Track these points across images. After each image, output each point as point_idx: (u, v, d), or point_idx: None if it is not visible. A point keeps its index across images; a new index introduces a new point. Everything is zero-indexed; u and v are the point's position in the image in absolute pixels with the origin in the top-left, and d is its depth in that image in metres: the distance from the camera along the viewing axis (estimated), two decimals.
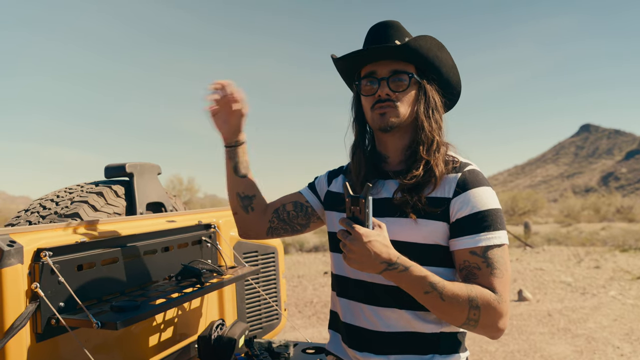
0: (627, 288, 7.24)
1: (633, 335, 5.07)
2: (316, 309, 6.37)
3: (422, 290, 1.09)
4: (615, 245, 12.24)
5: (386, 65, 1.27)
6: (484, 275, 1.14)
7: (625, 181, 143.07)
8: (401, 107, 1.26)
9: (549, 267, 9.07)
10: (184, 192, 26.36)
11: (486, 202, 1.18)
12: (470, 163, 1.26)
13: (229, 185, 1.46)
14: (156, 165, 2.23)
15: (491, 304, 1.11)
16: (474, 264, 1.15)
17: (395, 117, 1.26)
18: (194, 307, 1.90)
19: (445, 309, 1.11)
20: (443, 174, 1.22)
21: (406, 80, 1.26)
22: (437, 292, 1.08)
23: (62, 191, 2.03)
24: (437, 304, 1.11)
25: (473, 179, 1.21)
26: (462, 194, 1.19)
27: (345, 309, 1.32)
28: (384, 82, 1.26)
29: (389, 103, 1.26)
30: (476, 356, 4.55)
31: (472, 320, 1.11)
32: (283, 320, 2.42)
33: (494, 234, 1.16)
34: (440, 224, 1.20)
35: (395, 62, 1.27)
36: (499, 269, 1.15)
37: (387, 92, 1.26)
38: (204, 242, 1.90)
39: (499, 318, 1.12)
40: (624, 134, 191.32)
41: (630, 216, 23.83)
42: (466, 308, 1.10)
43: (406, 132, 1.31)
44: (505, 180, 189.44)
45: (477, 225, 1.16)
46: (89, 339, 1.41)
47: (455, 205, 1.19)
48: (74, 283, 1.31)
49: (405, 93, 1.27)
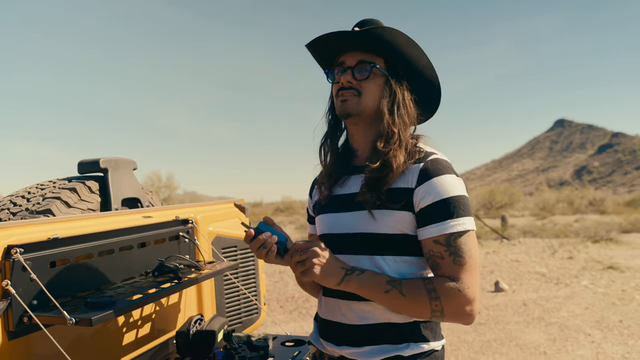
0: (598, 277, 7.45)
1: (603, 322, 5.23)
2: (297, 304, 6.38)
3: (383, 290, 1.12)
4: (587, 236, 12.56)
5: (354, 56, 1.29)
6: (447, 265, 1.16)
7: (598, 174, 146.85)
8: (364, 96, 1.27)
9: (525, 259, 9.28)
10: (162, 188, 26.03)
11: (449, 189, 1.18)
12: (435, 152, 1.26)
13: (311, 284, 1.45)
14: (131, 160, 2.20)
15: (451, 292, 1.13)
16: (438, 254, 1.17)
17: (356, 105, 1.27)
18: (172, 302, 1.89)
19: (407, 305, 1.14)
20: (402, 164, 1.22)
21: (368, 70, 1.27)
22: (396, 289, 1.11)
23: (34, 187, 1.99)
24: (399, 301, 1.14)
25: (435, 167, 1.21)
26: (424, 183, 1.19)
27: (325, 306, 1.34)
28: (349, 71, 1.28)
29: (351, 91, 1.27)
30: (454, 346, 4.63)
31: (437, 311, 1.14)
32: (263, 315, 2.42)
33: (457, 221, 1.16)
34: (405, 214, 1.20)
35: (365, 54, 1.28)
36: (463, 256, 1.15)
37: (349, 79, 1.27)
38: (181, 237, 1.89)
39: (464, 305, 1.14)
40: (597, 129, 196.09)
41: (602, 208, 24.49)
42: (427, 300, 1.13)
43: (372, 125, 1.31)
44: (482, 174, 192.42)
45: (440, 213, 1.16)
46: (64, 336, 1.39)
47: (418, 195, 1.19)
48: (46, 280, 1.29)
49: (369, 82, 1.27)
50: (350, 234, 1.27)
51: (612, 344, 4.57)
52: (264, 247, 1.20)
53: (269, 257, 1.21)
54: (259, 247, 1.21)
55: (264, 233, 1.20)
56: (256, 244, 1.21)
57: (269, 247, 1.20)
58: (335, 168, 1.35)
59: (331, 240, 1.32)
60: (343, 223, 1.29)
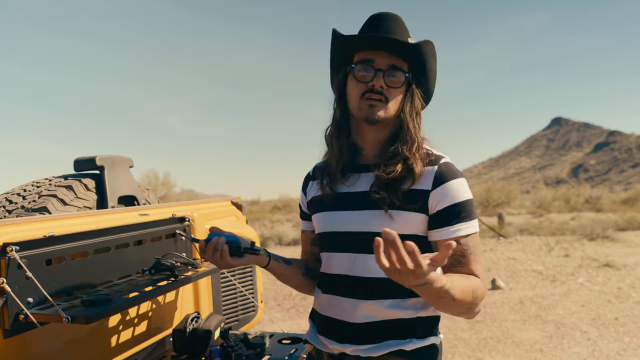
0: (594, 275, 7.48)
1: (599, 320, 5.25)
2: (295, 302, 6.38)
3: (437, 296, 1.08)
4: (583, 234, 12.61)
5: (385, 57, 1.26)
6: (468, 263, 1.21)
7: (594, 173, 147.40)
8: (391, 103, 1.27)
9: (521, 257, 9.30)
10: (160, 186, 25.99)
11: (462, 193, 1.24)
12: (444, 156, 1.30)
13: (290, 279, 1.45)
14: (128, 158, 2.20)
15: (482, 291, 1.19)
16: (459, 253, 1.21)
17: (383, 112, 1.26)
18: (168, 300, 1.88)
19: (453, 306, 1.13)
20: (422, 171, 1.25)
21: (402, 78, 1.27)
22: (450, 295, 1.09)
23: (30, 185, 1.98)
24: (448, 304, 1.11)
25: (449, 171, 1.25)
26: (440, 186, 1.23)
27: (328, 304, 1.34)
28: (380, 74, 1.26)
29: (380, 97, 1.26)
30: (451, 343, 4.65)
31: (469, 309, 1.17)
32: (260, 313, 2.42)
33: (471, 223, 1.23)
34: (419, 216, 1.23)
35: (393, 57, 1.27)
36: (478, 254, 1.23)
37: (382, 84, 1.26)
38: (178, 235, 1.89)
39: (481, 301, 1.19)
40: (593, 127, 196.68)
41: (598, 206, 24.57)
42: (469, 302, 1.15)
43: (386, 127, 1.31)
44: (480, 172, 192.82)
45: (456, 215, 1.22)
46: (60, 334, 1.39)
47: (434, 198, 1.23)
48: (42, 278, 1.29)
49: (397, 90, 1.28)
50: (361, 232, 1.27)
51: (608, 342, 4.59)
52: (216, 250, 1.23)
53: (224, 258, 1.23)
54: (212, 253, 1.23)
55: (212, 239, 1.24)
56: (209, 251, 1.23)
57: (219, 249, 1.22)
58: (342, 165, 1.34)
59: (336, 238, 1.31)
60: (353, 221, 1.28)
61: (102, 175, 2.04)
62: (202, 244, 1.25)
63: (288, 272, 1.43)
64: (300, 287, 1.47)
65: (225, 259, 1.24)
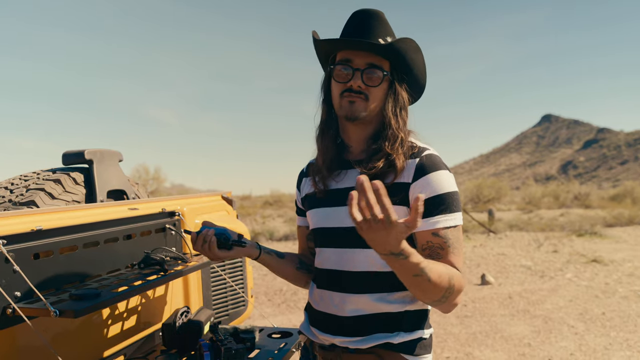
0: (582, 271, 7.57)
1: (587, 315, 5.32)
2: (286, 297, 6.39)
3: (412, 274, 1.08)
4: (572, 230, 12.73)
5: (363, 57, 1.28)
6: (446, 255, 1.20)
7: (583, 169, 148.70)
8: (371, 101, 1.28)
9: (511, 252, 9.38)
10: (150, 181, 25.83)
11: (444, 185, 1.23)
12: (428, 148, 1.30)
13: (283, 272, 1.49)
14: (117, 152, 2.18)
15: (459, 281, 1.18)
16: (437, 245, 1.21)
17: (364, 110, 1.28)
18: (158, 294, 1.88)
19: (427, 288, 1.12)
20: (404, 165, 1.25)
21: (380, 76, 1.28)
22: (425, 275, 1.09)
23: (17, 179, 1.96)
24: (423, 285, 1.11)
25: (431, 163, 1.25)
26: (421, 178, 1.23)
27: (320, 298, 1.37)
28: (358, 73, 1.27)
29: (360, 95, 1.27)
30: (440, 338, 4.69)
31: (444, 297, 1.16)
32: (250, 307, 2.42)
33: (452, 216, 1.22)
34: (401, 208, 1.23)
35: (372, 55, 1.28)
36: (458, 247, 1.22)
37: (360, 84, 1.27)
38: (168, 229, 1.88)
39: (459, 293, 1.19)
40: (582, 124, 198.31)
41: (587, 203, 24.83)
42: (445, 287, 1.14)
43: (370, 124, 1.33)
44: (471, 168, 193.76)
45: (436, 207, 1.21)
46: (48, 328, 1.38)
47: (414, 190, 1.23)
48: (30, 272, 1.28)
49: (377, 88, 1.28)
50: (346, 228, 1.29)
51: (595, 336, 4.65)
52: (204, 242, 1.30)
53: (212, 249, 1.30)
54: (201, 244, 1.31)
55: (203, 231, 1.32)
56: (199, 242, 1.31)
57: (208, 240, 1.30)
58: (334, 159, 1.36)
59: (326, 233, 1.34)
60: (340, 216, 1.31)
61: (91, 169, 2.02)
62: (194, 235, 1.32)
63: (281, 265, 1.46)
64: (294, 280, 1.51)
65: (212, 251, 1.30)
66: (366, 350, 1.27)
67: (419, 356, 1.28)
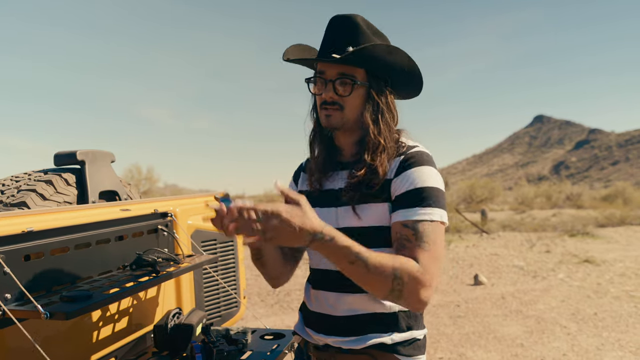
0: (574, 271, 7.62)
1: (579, 315, 5.35)
2: (279, 298, 6.38)
3: (347, 261, 1.06)
4: (564, 230, 12.82)
5: (334, 67, 1.27)
6: (412, 247, 1.15)
7: (575, 170, 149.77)
8: (347, 110, 1.28)
9: (504, 252, 9.43)
10: (143, 181, 25.70)
11: (424, 179, 1.20)
12: (417, 145, 1.29)
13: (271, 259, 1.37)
14: (109, 152, 2.17)
15: (413, 273, 1.10)
16: (405, 236, 1.17)
17: (340, 120, 1.28)
18: (150, 296, 1.87)
19: (370, 279, 1.09)
20: (386, 167, 1.25)
21: (349, 85, 1.27)
22: (362, 262, 1.06)
23: (8, 179, 1.94)
24: (363, 274, 1.08)
25: (415, 159, 1.24)
26: (401, 174, 1.23)
27: (315, 299, 1.38)
28: (330, 85, 1.27)
29: (335, 106, 1.27)
30: (433, 338, 4.70)
31: (396, 290, 1.10)
32: (242, 309, 2.42)
33: (428, 210, 1.17)
34: (383, 206, 1.24)
35: (343, 65, 1.26)
36: (427, 242, 1.15)
37: (332, 95, 1.27)
38: (160, 230, 1.87)
39: (420, 288, 1.11)
40: (574, 125, 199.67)
41: (579, 203, 25.01)
42: (390, 278, 1.09)
43: (356, 129, 1.33)
44: (463, 169, 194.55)
45: (412, 199, 1.19)
46: (39, 331, 1.37)
47: (394, 185, 1.23)
48: (21, 274, 1.27)
49: (351, 97, 1.28)
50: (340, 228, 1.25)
51: (587, 336, 4.68)
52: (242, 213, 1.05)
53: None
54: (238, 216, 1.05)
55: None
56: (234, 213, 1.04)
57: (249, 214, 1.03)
58: (325, 164, 1.38)
59: None
60: (331, 217, 1.32)
61: (83, 170, 2.01)
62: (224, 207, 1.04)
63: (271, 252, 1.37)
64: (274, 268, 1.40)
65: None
66: (360, 350, 1.27)
67: (412, 357, 1.29)
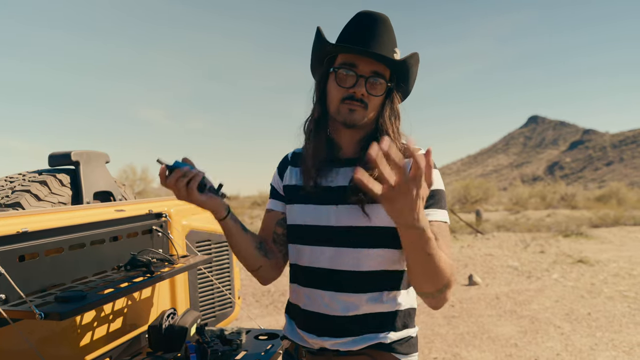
0: (568, 271, 7.67)
1: (573, 315, 5.39)
2: (273, 298, 6.39)
3: (427, 252, 1.04)
4: (559, 230, 12.89)
5: (368, 63, 1.25)
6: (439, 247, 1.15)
7: (569, 170, 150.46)
8: (370, 109, 1.27)
9: (498, 253, 9.47)
10: (138, 181, 25.62)
11: (434, 182, 1.24)
12: (420, 149, 1.29)
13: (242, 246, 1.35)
14: (104, 153, 2.17)
15: (454, 275, 1.15)
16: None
17: (362, 117, 1.27)
18: (144, 296, 1.87)
19: (435, 273, 1.09)
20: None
21: (383, 86, 1.27)
22: (436, 256, 1.06)
23: (3, 180, 1.94)
24: (432, 268, 1.07)
25: None
26: None
27: (306, 298, 1.33)
28: (362, 80, 1.25)
29: (361, 104, 1.26)
30: (427, 339, 4.72)
31: (445, 287, 1.12)
32: (237, 309, 2.42)
33: (438, 211, 1.23)
34: None
35: (378, 63, 1.26)
36: (448, 243, 1.20)
37: (364, 92, 1.25)
38: (154, 231, 1.88)
39: (452, 286, 1.16)
40: (569, 125, 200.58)
41: (573, 203, 25.16)
42: (449, 274, 1.11)
43: (363, 129, 1.32)
44: (458, 169, 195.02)
45: (427, 201, 1.21)
46: (33, 331, 1.37)
47: None
48: (15, 274, 1.27)
49: (378, 97, 1.28)
50: (343, 227, 1.27)
51: (581, 336, 4.72)
52: (184, 177, 1.15)
53: (192, 187, 1.16)
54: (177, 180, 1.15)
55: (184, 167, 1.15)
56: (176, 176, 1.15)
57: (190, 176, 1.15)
58: (321, 161, 1.34)
59: (318, 231, 1.31)
60: (335, 215, 1.29)
61: (78, 171, 2.01)
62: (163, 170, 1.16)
63: (242, 239, 1.34)
64: (249, 258, 1.37)
65: (191, 188, 1.17)
66: (358, 351, 1.26)
67: (408, 355, 1.29)
